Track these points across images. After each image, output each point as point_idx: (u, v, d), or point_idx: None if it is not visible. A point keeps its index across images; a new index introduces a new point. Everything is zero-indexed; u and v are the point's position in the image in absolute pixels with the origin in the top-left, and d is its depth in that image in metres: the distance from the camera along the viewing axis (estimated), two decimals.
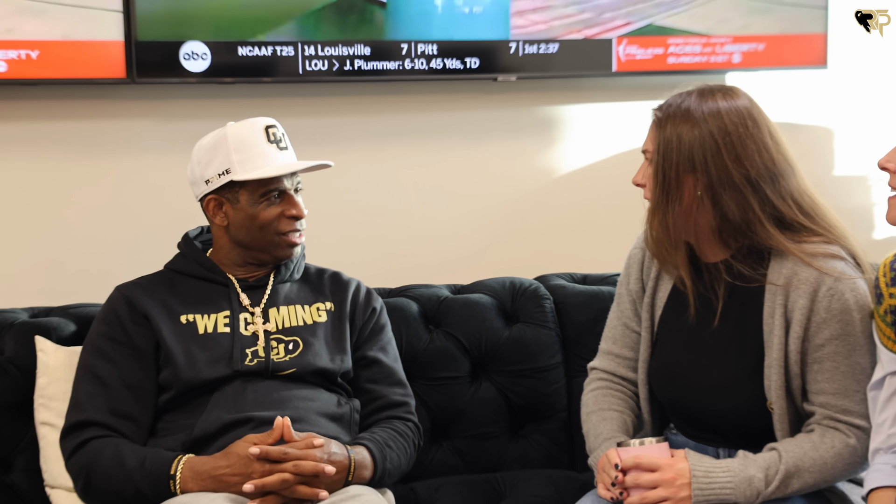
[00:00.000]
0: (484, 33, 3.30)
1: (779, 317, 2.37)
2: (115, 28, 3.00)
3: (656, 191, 2.40)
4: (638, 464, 2.33)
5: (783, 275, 2.37)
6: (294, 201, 2.65)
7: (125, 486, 2.45)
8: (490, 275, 3.23)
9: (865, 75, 3.70)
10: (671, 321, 2.55)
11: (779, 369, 2.36)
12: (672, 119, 2.40)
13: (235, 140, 2.62)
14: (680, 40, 3.46)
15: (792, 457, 2.31)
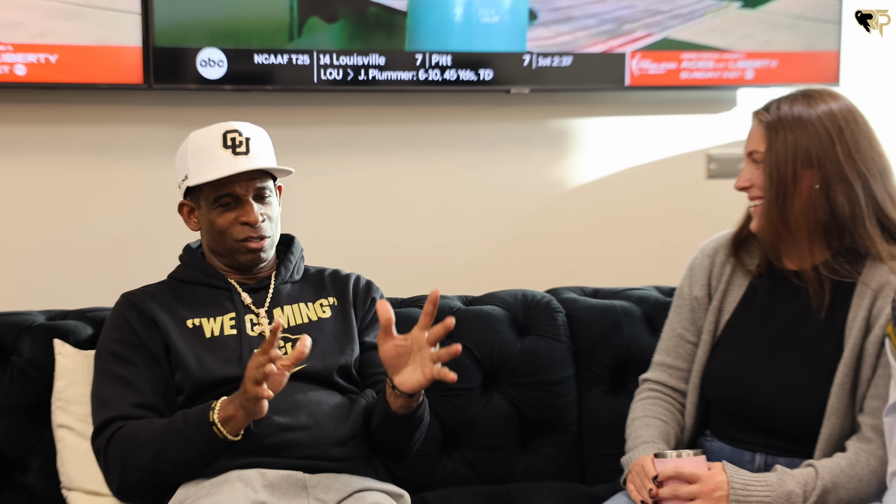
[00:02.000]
0: (500, 45, 3.37)
1: (861, 319, 2.45)
2: (134, 34, 3.07)
3: (772, 190, 2.49)
4: (679, 474, 2.39)
5: (876, 279, 2.45)
6: (248, 208, 2.66)
7: (162, 442, 2.51)
8: (501, 287, 3.28)
9: (878, 93, 3.75)
10: (739, 324, 2.63)
11: (846, 370, 2.44)
12: (783, 121, 2.50)
13: (193, 146, 2.69)
14: (693, 55, 3.53)
15: (829, 473, 2.38)
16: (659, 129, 3.62)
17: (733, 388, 2.60)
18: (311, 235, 3.00)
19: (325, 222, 3.33)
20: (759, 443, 2.56)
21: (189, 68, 3.15)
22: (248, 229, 2.68)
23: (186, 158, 2.70)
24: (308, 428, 2.61)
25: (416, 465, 2.96)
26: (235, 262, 2.73)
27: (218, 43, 3.17)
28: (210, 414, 2.49)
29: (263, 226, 2.70)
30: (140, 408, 2.60)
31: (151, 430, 2.53)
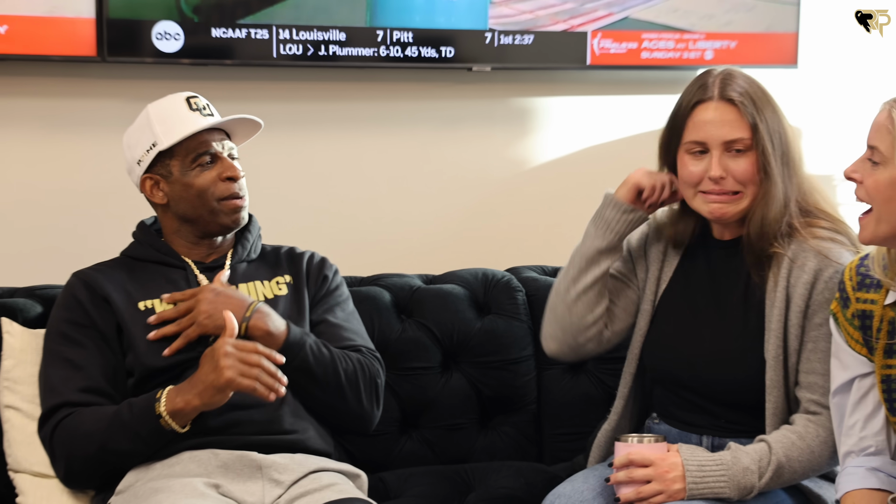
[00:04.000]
0: (462, 22, 3.29)
1: (781, 290, 2.40)
2: (87, 5, 2.96)
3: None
4: (631, 461, 2.34)
5: (792, 249, 2.41)
6: (228, 163, 2.60)
7: (107, 433, 2.43)
8: (461, 265, 3.22)
9: (835, 75, 3.72)
10: (674, 295, 2.57)
11: (777, 340, 2.40)
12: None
13: (157, 114, 2.62)
14: (654, 35, 3.47)
15: (781, 447, 2.33)
16: (620, 109, 3.57)
17: (670, 358, 2.56)
18: (269, 213, 2.91)
19: (283, 200, 3.25)
20: (704, 424, 2.51)
21: (145, 41, 3.05)
22: (231, 185, 2.61)
23: (152, 126, 2.62)
24: (261, 405, 2.52)
25: (373, 445, 2.92)
26: (214, 226, 2.64)
27: (174, 16, 3.05)
28: (156, 406, 2.42)
29: (242, 182, 2.64)
30: (88, 392, 2.51)
31: (97, 419, 2.45)
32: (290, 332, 2.56)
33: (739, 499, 2.32)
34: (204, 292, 2.55)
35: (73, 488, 2.55)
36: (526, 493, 2.75)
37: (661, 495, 2.30)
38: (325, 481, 2.45)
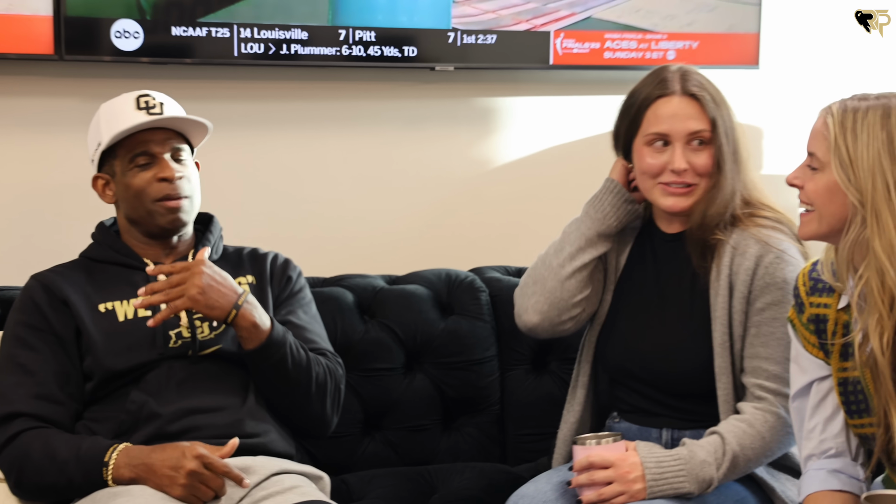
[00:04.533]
0: (425, 21, 3.26)
1: (724, 277, 2.43)
2: (44, 2, 2.91)
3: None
4: (591, 463, 2.35)
5: (733, 237, 2.45)
6: (165, 164, 2.55)
7: (57, 477, 2.41)
8: (424, 266, 3.22)
9: (796, 76, 3.73)
10: (626, 288, 2.62)
11: (722, 328, 2.43)
12: None
13: (105, 112, 2.61)
14: (617, 35, 3.45)
15: (734, 437, 2.36)
16: (583, 109, 3.56)
17: (621, 350, 2.60)
18: (231, 213, 2.89)
19: (245, 200, 3.22)
20: (663, 415, 2.54)
21: (103, 39, 2.99)
22: (165, 186, 2.56)
23: (99, 126, 2.62)
24: (221, 409, 2.52)
25: (336, 447, 2.91)
26: (154, 228, 2.60)
27: (133, 14, 3.01)
28: (103, 471, 2.38)
29: (181, 183, 2.58)
30: (39, 399, 2.49)
31: (46, 455, 2.42)
32: (274, 328, 2.54)
33: (700, 493, 2.33)
34: (199, 266, 2.48)
35: (22, 499, 2.50)
36: (489, 495, 2.74)
37: (622, 496, 2.31)
38: (287, 483, 2.42)
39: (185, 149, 2.61)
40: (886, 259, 2.07)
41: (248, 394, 2.56)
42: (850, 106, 2.14)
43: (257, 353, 2.52)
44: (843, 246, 2.15)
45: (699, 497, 2.33)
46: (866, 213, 2.09)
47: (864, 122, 2.10)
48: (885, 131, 2.09)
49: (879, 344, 2.09)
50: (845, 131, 2.11)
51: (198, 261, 2.50)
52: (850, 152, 2.10)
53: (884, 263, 2.07)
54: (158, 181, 2.55)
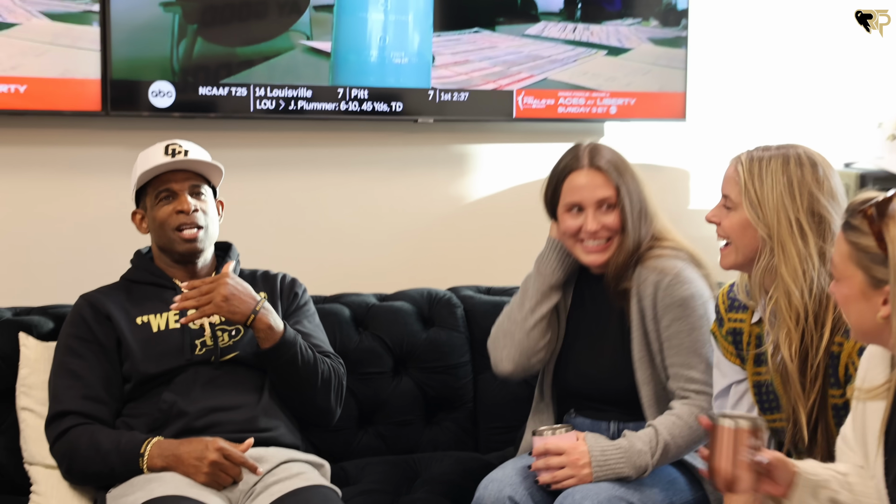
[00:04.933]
0: (409, 82, 3.25)
1: (635, 305, 2.45)
2: (94, 68, 2.90)
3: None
4: (546, 449, 2.35)
5: (635, 277, 2.46)
6: (184, 199, 2.55)
7: (101, 466, 2.40)
8: (410, 286, 3.20)
9: (716, 127, 3.72)
10: (572, 323, 2.60)
11: (640, 346, 2.45)
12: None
13: (141, 160, 2.61)
14: (568, 93, 3.44)
15: (666, 428, 2.36)
16: (541, 154, 3.47)
17: (571, 376, 2.61)
18: (247, 242, 2.88)
19: (259, 231, 3.19)
20: (610, 411, 2.54)
21: (142, 98, 2.98)
22: (182, 217, 2.56)
23: (136, 170, 2.61)
24: (239, 407, 2.51)
25: (335, 439, 2.89)
26: (175, 254, 2.60)
27: (168, 76, 2.99)
28: (139, 461, 2.39)
29: (196, 216, 2.57)
30: (87, 399, 2.49)
31: (92, 447, 2.42)
32: (287, 331, 2.54)
33: (637, 476, 2.34)
34: (224, 278, 2.48)
35: (73, 484, 2.50)
36: (464, 478, 2.72)
37: (572, 479, 2.32)
38: (294, 470, 2.42)
39: (204, 188, 2.61)
40: (792, 282, 2.09)
41: (262, 394, 2.55)
42: (755, 155, 2.16)
43: (273, 352, 2.51)
44: (756, 272, 2.17)
45: (637, 479, 2.34)
46: (774, 244, 2.12)
47: (769, 169, 2.12)
48: (786, 176, 2.11)
49: (788, 353, 2.10)
50: (753, 177, 2.13)
51: (223, 274, 2.50)
52: (757, 194, 2.12)
53: (790, 286, 2.09)
54: (177, 213, 2.55)
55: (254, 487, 2.37)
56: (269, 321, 2.50)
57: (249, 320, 2.48)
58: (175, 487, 2.28)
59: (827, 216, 2.12)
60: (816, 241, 2.11)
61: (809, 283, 2.09)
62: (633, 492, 2.31)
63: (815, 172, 2.13)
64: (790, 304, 2.09)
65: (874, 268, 1.75)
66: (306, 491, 2.34)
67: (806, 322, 2.09)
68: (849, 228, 1.79)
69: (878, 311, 1.75)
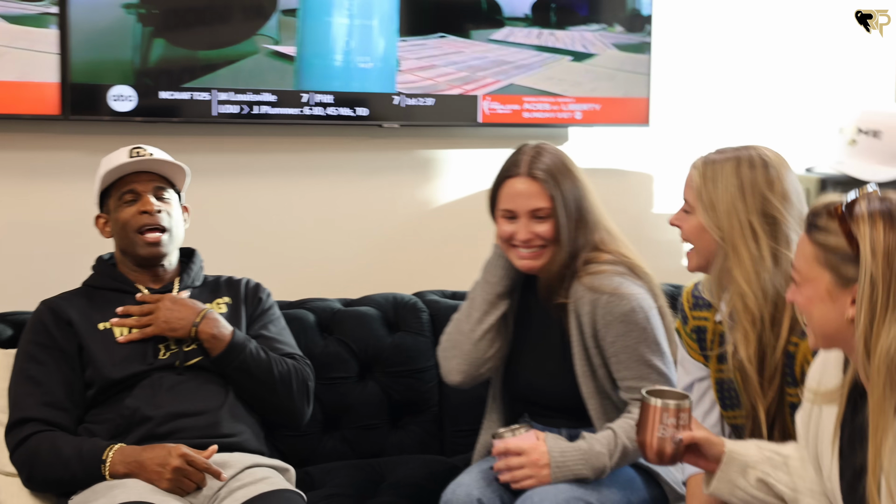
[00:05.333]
0: (374, 86, 3.23)
1: (574, 321, 2.43)
2: (52, 71, 2.85)
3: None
4: (507, 449, 2.36)
5: (573, 295, 2.44)
6: (147, 200, 2.54)
7: (63, 473, 2.38)
8: (375, 290, 3.19)
9: (679, 132, 3.73)
10: (518, 336, 2.59)
11: (581, 361, 2.44)
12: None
13: (106, 163, 2.59)
14: (533, 99, 3.43)
15: (624, 431, 2.36)
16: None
17: (521, 382, 2.60)
18: (211, 247, 2.87)
19: (223, 236, 3.15)
20: (559, 419, 2.54)
21: (102, 102, 2.93)
22: (146, 217, 2.55)
23: (100, 173, 2.59)
24: (203, 413, 2.50)
25: (300, 443, 2.88)
26: (138, 258, 2.58)
27: (129, 80, 2.95)
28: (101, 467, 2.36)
29: (160, 216, 2.56)
30: (47, 406, 2.47)
31: (53, 454, 2.39)
32: (234, 336, 2.54)
33: (595, 478, 2.35)
34: (164, 300, 2.52)
35: (33, 491, 2.47)
36: (429, 481, 2.72)
37: (532, 479, 2.32)
38: (259, 475, 2.40)
39: (168, 191, 2.60)
40: (746, 285, 2.10)
41: (225, 399, 2.54)
42: (709, 159, 2.16)
43: (221, 359, 2.53)
44: (713, 275, 2.18)
45: (595, 481, 2.35)
46: (727, 247, 2.12)
47: (721, 173, 2.12)
48: (738, 178, 2.12)
49: (746, 354, 2.12)
50: (706, 181, 2.14)
51: (164, 296, 2.54)
52: (711, 198, 2.13)
53: (744, 289, 2.11)
54: (140, 214, 2.54)
55: (218, 493, 2.35)
56: (212, 331, 2.52)
57: (191, 332, 2.50)
58: (138, 494, 2.25)
59: (779, 217, 2.11)
60: (769, 243, 2.10)
61: (763, 285, 2.10)
62: (591, 492, 2.32)
63: (766, 174, 2.12)
64: (745, 306, 2.10)
65: (843, 267, 1.75)
66: (271, 496, 2.32)
67: (762, 324, 2.10)
68: (815, 230, 1.79)
69: (845, 311, 1.76)
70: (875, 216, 1.72)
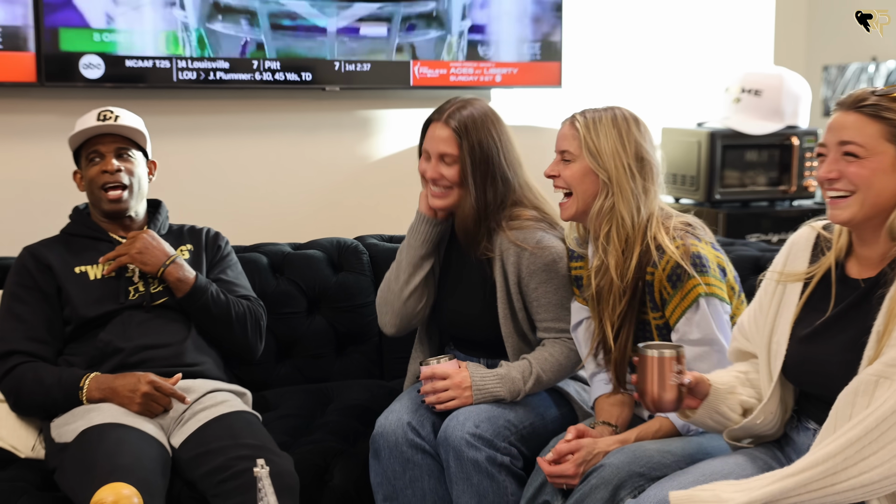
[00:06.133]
0: (318, 54, 3.24)
1: (499, 273, 2.44)
2: (28, 43, 2.84)
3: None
4: (434, 373, 2.39)
5: (499, 247, 2.44)
6: (108, 160, 2.53)
7: (45, 399, 2.40)
8: (320, 235, 3.20)
9: (587, 93, 3.75)
10: (444, 271, 2.60)
11: (503, 305, 2.45)
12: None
13: (78, 123, 2.57)
14: (458, 64, 3.44)
15: (538, 362, 2.40)
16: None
17: (447, 322, 2.60)
18: (175, 199, 2.88)
19: (186, 188, 3.16)
20: (479, 351, 2.55)
21: (74, 70, 2.93)
22: (107, 176, 2.53)
23: (74, 133, 2.56)
24: (169, 345, 2.51)
25: (257, 371, 2.88)
26: (103, 211, 2.58)
27: (97, 49, 2.95)
28: (79, 393, 2.39)
29: (120, 175, 2.54)
30: (30, 340, 2.47)
31: (35, 381, 2.41)
32: (197, 280, 2.55)
33: (511, 399, 2.38)
34: (143, 234, 2.53)
35: (20, 415, 2.49)
36: (371, 402, 2.76)
37: (455, 400, 2.35)
38: (219, 399, 2.43)
39: (132, 151, 2.57)
40: (626, 213, 2.21)
41: (188, 333, 2.55)
42: (588, 115, 2.26)
43: (185, 300, 2.54)
44: (593, 212, 2.25)
45: (512, 402, 2.38)
46: (612, 186, 2.22)
47: (602, 124, 2.23)
48: (616, 129, 2.22)
49: (615, 272, 2.22)
50: (589, 131, 2.22)
51: (144, 231, 2.55)
52: (596, 145, 2.22)
53: (624, 216, 2.21)
54: (102, 173, 2.53)
55: (183, 415, 2.39)
56: (178, 275, 2.53)
57: (160, 272, 2.52)
58: (112, 416, 2.29)
59: (649, 159, 2.24)
60: (641, 181, 2.23)
61: (637, 213, 2.21)
62: (507, 410, 2.36)
63: (637, 125, 2.25)
64: (622, 228, 2.21)
65: None
66: (230, 416, 2.36)
67: (626, 244, 2.21)
68: (881, 110, 1.83)
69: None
70: None
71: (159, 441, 2.29)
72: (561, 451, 2.15)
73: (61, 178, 2.69)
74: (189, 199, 3.09)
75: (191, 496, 2.26)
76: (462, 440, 2.27)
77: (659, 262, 2.18)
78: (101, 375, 2.40)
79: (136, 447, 2.20)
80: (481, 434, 2.28)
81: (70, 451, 2.26)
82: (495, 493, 2.27)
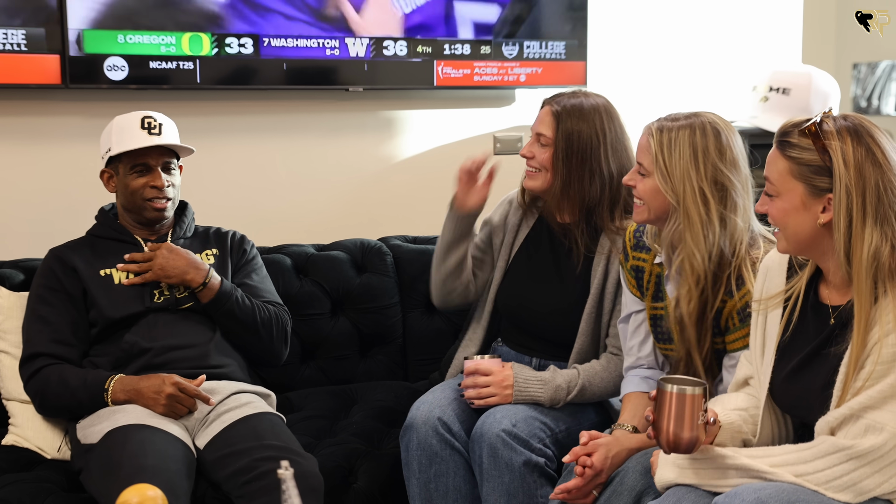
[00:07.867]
0: (344, 55, 3.24)
1: (601, 270, 2.44)
2: (54, 45, 2.85)
3: (559, 165, 2.42)
4: (477, 369, 2.39)
5: (607, 246, 2.44)
6: (157, 175, 2.54)
7: (70, 400, 2.41)
8: (344, 236, 3.21)
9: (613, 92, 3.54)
10: (523, 257, 2.58)
11: (593, 304, 2.44)
12: (568, 111, 2.43)
13: (117, 125, 2.56)
14: (482, 64, 3.42)
15: (587, 374, 2.40)
16: (459, 118, 3.54)
17: (514, 301, 2.56)
18: (201, 200, 2.89)
19: (211, 190, 3.16)
20: (535, 348, 2.53)
21: (98, 72, 2.93)
22: (155, 191, 2.55)
23: (111, 135, 2.57)
24: (193, 346, 2.52)
25: (281, 373, 2.88)
26: (142, 218, 2.59)
27: (122, 51, 2.95)
28: (104, 395, 2.40)
29: (168, 191, 2.57)
30: (56, 343, 2.48)
31: (61, 384, 2.42)
32: (223, 285, 2.55)
33: (551, 405, 2.38)
34: (161, 249, 2.54)
35: (45, 417, 2.51)
36: (395, 403, 2.78)
37: (495, 397, 2.35)
38: (243, 400, 2.44)
39: (174, 162, 2.60)
40: (695, 247, 2.09)
41: (213, 336, 2.56)
42: (665, 126, 2.13)
43: (211, 305, 2.54)
44: (667, 233, 2.16)
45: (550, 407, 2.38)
46: (680, 211, 2.11)
47: (677, 140, 2.10)
48: (691, 147, 2.09)
49: (687, 310, 2.13)
50: (662, 147, 2.10)
51: (162, 245, 2.55)
52: (666, 164, 2.10)
53: (693, 250, 2.10)
54: (150, 187, 2.54)
55: (207, 416, 2.40)
56: (202, 281, 2.54)
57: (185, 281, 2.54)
58: (137, 417, 2.30)
59: (728, 185, 2.10)
60: (718, 208, 2.09)
61: (710, 248, 2.09)
62: (545, 412, 2.36)
63: (718, 142, 2.10)
64: (692, 267, 2.10)
65: (816, 178, 1.80)
66: (254, 418, 2.37)
67: (705, 282, 2.10)
68: (788, 147, 1.83)
69: (818, 218, 1.81)
70: (843, 132, 1.78)
71: (184, 442, 2.29)
72: (577, 452, 2.13)
73: (86, 179, 2.69)
74: (213, 199, 3.11)
75: (215, 497, 2.27)
76: (497, 437, 2.27)
77: (736, 292, 2.11)
78: (125, 377, 2.41)
79: (160, 448, 2.21)
80: (517, 433, 2.28)
81: (95, 452, 2.27)
82: (525, 494, 2.27)
